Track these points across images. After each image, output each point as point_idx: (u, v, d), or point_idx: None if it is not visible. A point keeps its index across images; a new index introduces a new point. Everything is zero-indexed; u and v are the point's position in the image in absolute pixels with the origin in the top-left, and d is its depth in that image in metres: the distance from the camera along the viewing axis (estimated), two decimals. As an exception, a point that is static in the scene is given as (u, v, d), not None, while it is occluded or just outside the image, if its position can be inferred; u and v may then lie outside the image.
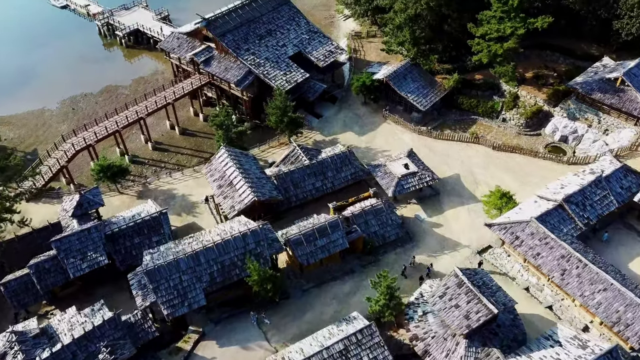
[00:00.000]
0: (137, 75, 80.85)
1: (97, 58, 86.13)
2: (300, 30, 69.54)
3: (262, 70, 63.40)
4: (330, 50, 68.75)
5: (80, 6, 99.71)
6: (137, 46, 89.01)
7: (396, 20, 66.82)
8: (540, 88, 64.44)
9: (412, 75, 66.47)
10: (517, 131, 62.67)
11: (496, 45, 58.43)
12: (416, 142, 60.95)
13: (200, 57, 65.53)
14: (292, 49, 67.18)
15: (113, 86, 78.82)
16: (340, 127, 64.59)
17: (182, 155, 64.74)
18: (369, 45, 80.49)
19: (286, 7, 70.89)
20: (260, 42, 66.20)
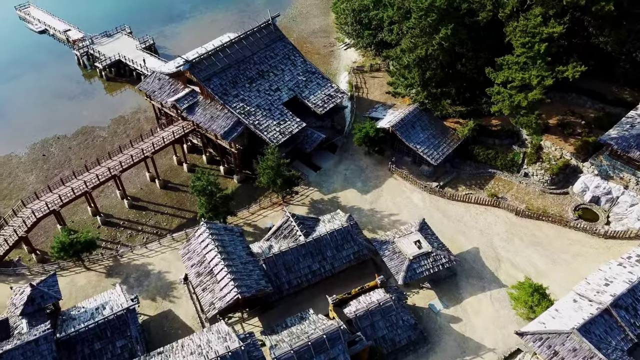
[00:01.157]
0: (116, 114, 73.89)
1: (74, 93, 79.24)
2: (296, 70, 62.60)
3: (253, 120, 56.46)
4: (330, 94, 61.80)
5: (59, 32, 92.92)
6: (119, 79, 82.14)
7: (404, 60, 60.05)
8: (566, 138, 57.44)
9: (421, 123, 59.57)
10: (541, 188, 55.69)
11: (519, 96, 51.42)
12: (427, 203, 53.99)
13: (183, 104, 58.59)
14: (287, 94, 60.25)
15: (89, 127, 71.84)
16: (340, 182, 57.60)
17: (162, 214, 57.67)
18: (372, 81, 73.63)
19: (280, 43, 63.99)
20: (251, 85, 59.28)
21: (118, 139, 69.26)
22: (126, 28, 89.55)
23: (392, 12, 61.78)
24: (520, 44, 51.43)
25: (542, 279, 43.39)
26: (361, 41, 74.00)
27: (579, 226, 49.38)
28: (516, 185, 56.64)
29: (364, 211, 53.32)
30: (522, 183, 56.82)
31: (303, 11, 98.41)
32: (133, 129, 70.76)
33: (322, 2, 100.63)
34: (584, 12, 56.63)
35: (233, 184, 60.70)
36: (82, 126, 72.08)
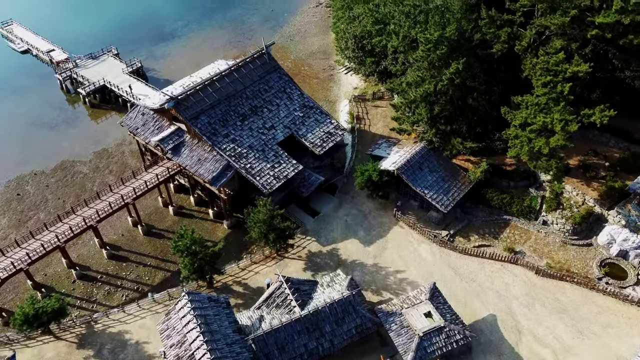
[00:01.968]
0: (99, 146, 68.88)
1: (55, 121, 74.26)
2: (293, 105, 57.61)
3: (245, 164, 51.45)
4: (329, 131, 56.79)
5: (42, 52, 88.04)
6: (104, 105, 77.22)
7: (409, 94, 55.08)
8: (588, 182, 52.44)
9: (429, 164, 54.61)
10: (562, 239, 50.61)
11: (540, 141, 46.37)
12: (437, 258, 48.96)
13: (168, 144, 53.61)
14: (283, 132, 55.26)
15: (69, 162, 66.82)
16: (341, 230, 52.56)
17: (144, 267, 52.57)
18: (375, 111, 68.70)
19: (275, 75, 59.01)
20: (242, 123, 54.29)
21: (100, 175, 64.29)
22: (112, 49, 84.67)
23: (397, 41, 56.88)
24: (541, 84, 46.46)
25: (569, 357, 38.43)
26: (363, 69, 69.06)
27: (608, 290, 44.31)
28: (534, 235, 51.60)
29: (367, 267, 48.31)
30: (541, 232, 51.77)
31: (301, 29, 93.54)
32: (116, 164, 65.75)
33: (321, 20, 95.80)
34: (608, 44, 51.76)
35: (222, 229, 55.72)
36: (62, 160, 67.07)
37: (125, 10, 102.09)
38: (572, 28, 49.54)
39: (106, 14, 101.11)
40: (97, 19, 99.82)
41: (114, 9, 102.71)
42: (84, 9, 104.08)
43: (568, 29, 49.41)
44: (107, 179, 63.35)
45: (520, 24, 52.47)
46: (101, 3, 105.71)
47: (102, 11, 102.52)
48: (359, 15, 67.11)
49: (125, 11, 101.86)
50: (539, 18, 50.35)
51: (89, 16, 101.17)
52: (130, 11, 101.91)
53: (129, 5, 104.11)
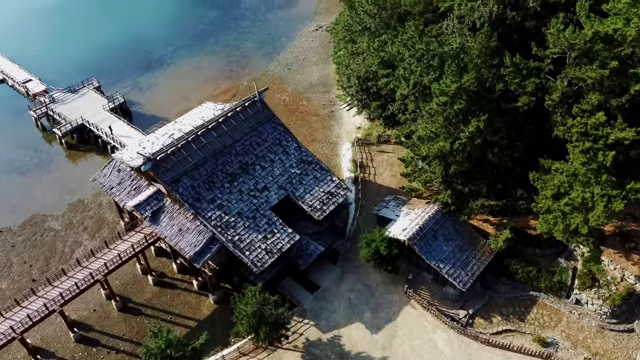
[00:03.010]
0: (75, 197, 62.36)
1: (27, 166, 67.77)
2: (289, 161, 51.15)
3: (232, 235, 44.95)
4: (330, 190, 50.31)
5: (18, 83, 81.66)
6: (82, 146, 70.84)
7: (421, 150, 48.69)
8: (627, 254, 45.95)
9: (444, 231, 48.23)
10: (599, 323, 44.11)
11: (577, 218, 39.91)
12: (455, 349, 42.51)
13: (145, 210, 47.12)
14: (277, 194, 48.78)
15: (40, 216, 60.34)
16: (344, 311, 46.04)
17: (118, 353, 45.97)
18: (380, 157, 62.27)
19: (269, 125, 52.59)
20: (231, 185, 47.84)
21: (73, 232, 57.80)
22: (94, 81, 78.23)
23: (407, 89, 50.50)
24: (578, 152, 40.01)
25: None
26: (367, 111, 62.59)
27: (661, 399, 37.85)
28: (566, 317, 45.10)
29: (374, 360, 41.85)
30: (574, 313, 45.26)
31: (300, 57, 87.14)
32: (92, 219, 59.26)
33: (322, 46, 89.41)
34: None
35: (208, 304, 49.24)
36: (32, 214, 60.61)
37: (111, 34, 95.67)
38: (611, 80, 43.21)
39: (91, 38, 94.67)
40: (80, 43, 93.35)
41: (99, 33, 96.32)
42: (68, 33, 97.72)
43: (607, 82, 43.09)
44: (80, 238, 56.96)
45: (549, 72, 46.23)
46: (86, 26, 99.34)
47: (86, 35, 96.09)
48: (363, 52, 60.63)
49: (111, 35, 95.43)
50: (571, 68, 44.00)
51: (72, 40, 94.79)
52: (117, 35, 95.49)
53: (115, 28, 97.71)
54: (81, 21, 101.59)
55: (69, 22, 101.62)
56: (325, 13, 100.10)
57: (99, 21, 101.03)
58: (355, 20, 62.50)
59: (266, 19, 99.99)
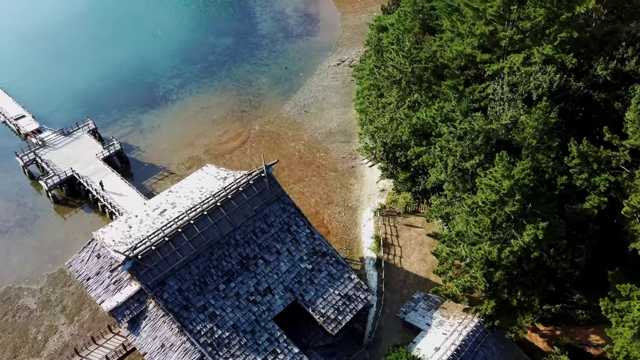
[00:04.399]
0: (56, 266, 55.38)
1: (7, 224, 61.09)
2: (300, 252, 43.18)
3: (225, 356, 37.10)
4: (348, 294, 42.14)
5: (10, 118, 75.49)
6: (71, 200, 64.03)
7: (460, 251, 40.41)
8: None
9: (485, 353, 39.82)
10: None
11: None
12: None
13: (124, 315, 39.60)
14: (282, 298, 40.82)
15: (15, 290, 53.50)
16: None
17: None
18: (407, 233, 54.04)
19: (277, 206, 44.72)
20: (227, 287, 40.06)
21: (49, 314, 50.78)
22: (89, 123, 71.44)
23: (444, 174, 42.19)
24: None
25: None
26: (395, 182, 54.29)
27: None
28: None
29: None
30: None
31: (319, 97, 79.27)
32: (72, 297, 52.19)
33: (343, 84, 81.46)
34: None
35: None
36: (6, 286, 53.84)
37: (116, 62, 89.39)
38: None
39: (93, 67, 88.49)
40: (81, 72, 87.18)
41: (102, 60, 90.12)
42: (67, 60, 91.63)
43: None
44: (57, 322, 49.93)
45: (625, 163, 37.56)
46: (88, 52, 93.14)
47: (88, 63, 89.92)
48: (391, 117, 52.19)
49: (116, 63, 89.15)
50: (657, 165, 35.21)
51: (72, 69, 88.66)
52: (122, 63, 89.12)
53: (121, 55, 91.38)
54: (83, 46, 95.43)
55: (69, 47, 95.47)
56: (348, 44, 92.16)
57: (103, 47, 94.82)
58: (382, 74, 54.35)
59: (284, 49, 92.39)
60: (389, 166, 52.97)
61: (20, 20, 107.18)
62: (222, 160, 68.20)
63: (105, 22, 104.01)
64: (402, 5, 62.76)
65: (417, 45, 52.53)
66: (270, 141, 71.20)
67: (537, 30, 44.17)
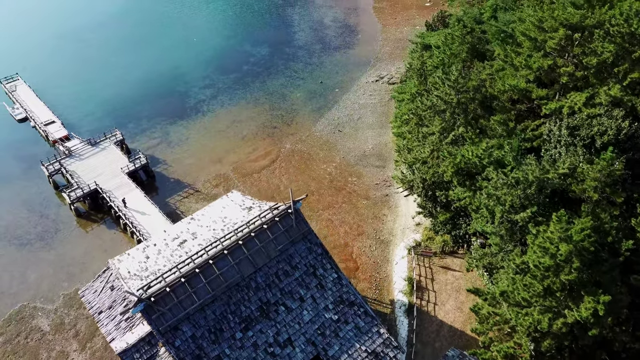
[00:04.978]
0: (73, 286, 53.68)
1: (28, 236, 59.89)
2: (325, 300, 39.83)
3: (237, 416, 34.16)
4: (376, 350, 38.52)
5: (40, 123, 74.85)
6: (94, 214, 62.51)
7: (505, 313, 36.38)
8: None
9: None
10: None
11: None
12: None
13: (133, 359, 37.10)
14: (303, 352, 37.53)
15: (29, 309, 52.01)
16: None
17: None
18: (444, 277, 50.11)
19: (303, 245, 41.51)
20: (244, 335, 37.07)
21: (61, 338, 49.05)
22: (117, 134, 70.00)
23: (490, 225, 38.17)
24: None
25: None
26: (433, 221, 50.37)
27: None
28: None
29: None
30: None
31: (354, 116, 75.80)
32: (86, 321, 50.28)
33: (381, 103, 77.80)
34: None
35: None
36: (21, 304, 52.44)
37: (149, 67, 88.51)
38: None
39: (125, 72, 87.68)
40: (113, 78, 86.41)
41: (136, 66, 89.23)
42: (100, 64, 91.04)
43: None
44: (68, 347, 48.12)
45: None
46: (122, 57, 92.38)
47: (121, 68, 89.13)
48: (432, 149, 48.37)
49: (149, 69, 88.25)
50: None
51: (104, 74, 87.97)
52: (155, 69, 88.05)
53: (154, 61, 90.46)
54: (116, 49, 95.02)
55: (102, 50, 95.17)
56: (387, 59, 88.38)
57: (137, 50, 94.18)
58: (425, 103, 50.51)
59: (320, 62, 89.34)
60: (428, 205, 49.08)
61: (54, 19, 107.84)
62: (250, 179, 65.56)
63: (141, 24, 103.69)
64: (450, 26, 58.81)
65: (464, 72, 48.49)
66: (300, 161, 68.17)
67: (604, 68, 39.74)
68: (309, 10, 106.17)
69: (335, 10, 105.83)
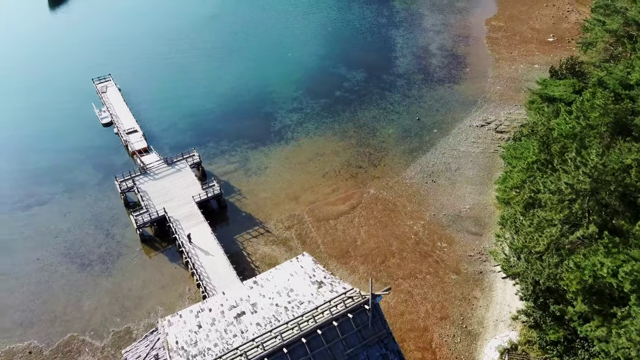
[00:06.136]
0: (124, 323, 50.65)
1: (91, 257, 57.91)
2: None
3: None
4: None
5: (123, 131, 73.76)
6: (159, 241, 59.68)
7: None
8: None
9: None
10: None
11: None
12: None
13: None
14: None
15: (78, 341, 49.61)
16: None
17: None
18: (542, 401, 41.02)
19: (377, 351, 34.90)
20: None
21: (102, 385, 46.01)
22: (195, 155, 66.88)
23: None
24: None
25: None
26: (540, 335, 41.50)
27: None
28: None
29: None
30: None
31: (451, 166, 67.50)
32: None
33: (484, 154, 68.75)
34: None
35: None
36: (71, 335, 50.22)
37: (237, 84, 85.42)
38: None
39: (213, 85, 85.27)
40: (201, 90, 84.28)
41: (223, 80, 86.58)
42: (189, 72, 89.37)
43: None
44: (108, 396, 44.92)
45: None
46: (211, 67, 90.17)
47: (209, 80, 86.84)
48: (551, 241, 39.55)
49: (236, 85, 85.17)
50: None
51: (192, 83, 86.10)
52: (242, 86, 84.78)
53: (243, 77, 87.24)
54: (206, 56, 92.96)
55: (192, 57, 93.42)
56: (497, 100, 78.85)
57: (227, 60, 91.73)
58: (547, 185, 41.72)
59: (420, 95, 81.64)
60: (535, 313, 40.45)
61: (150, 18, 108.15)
62: (325, 226, 59.75)
63: (236, 32, 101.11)
64: (590, 88, 49.04)
65: (600, 149, 39.24)
66: (383, 212, 61.30)
67: None
68: (414, 33, 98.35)
69: (444, 36, 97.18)
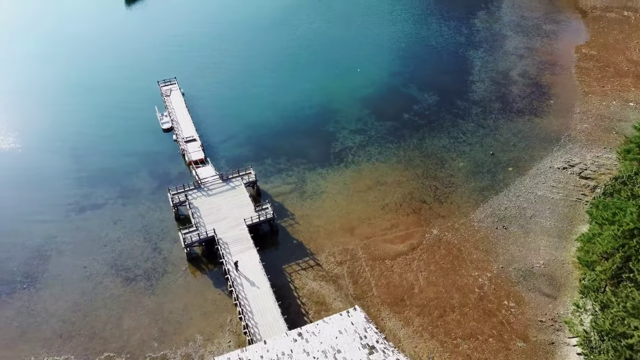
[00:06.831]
0: (162, 349, 48.70)
1: (136, 272, 56.45)
2: None
3: None
4: None
5: (182, 139, 72.58)
6: (205, 261, 57.59)
7: None
8: None
9: None
10: None
11: None
12: None
13: None
14: None
15: None
16: None
17: None
18: None
19: None
20: None
21: (132, 416, 44.08)
22: (251, 172, 64.50)
23: None
24: None
25: None
26: None
27: None
28: None
29: None
30: None
31: (526, 212, 61.41)
32: (163, 401, 44.85)
33: (565, 201, 62.25)
34: None
35: None
36: (107, 354, 48.76)
37: (300, 99, 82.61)
38: None
39: (277, 98, 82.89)
40: (263, 101, 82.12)
41: (288, 93, 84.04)
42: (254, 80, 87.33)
43: None
44: None
45: None
46: (277, 78, 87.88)
47: (272, 92, 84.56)
48: None
49: (300, 100, 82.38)
50: None
51: (255, 93, 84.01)
52: (306, 102, 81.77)
53: (307, 91, 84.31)
54: (274, 68, 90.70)
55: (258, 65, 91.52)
56: (584, 140, 71.60)
57: (294, 73, 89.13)
58: None
59: (496, 126, 75.64)
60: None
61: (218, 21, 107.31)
62: (380, 267, 55.60)
63: (307, 41, 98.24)
64: None
65: None
66: (446, 258, 56.37)
67: None
68: (494, 56, 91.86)
69: (527, 61, 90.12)
